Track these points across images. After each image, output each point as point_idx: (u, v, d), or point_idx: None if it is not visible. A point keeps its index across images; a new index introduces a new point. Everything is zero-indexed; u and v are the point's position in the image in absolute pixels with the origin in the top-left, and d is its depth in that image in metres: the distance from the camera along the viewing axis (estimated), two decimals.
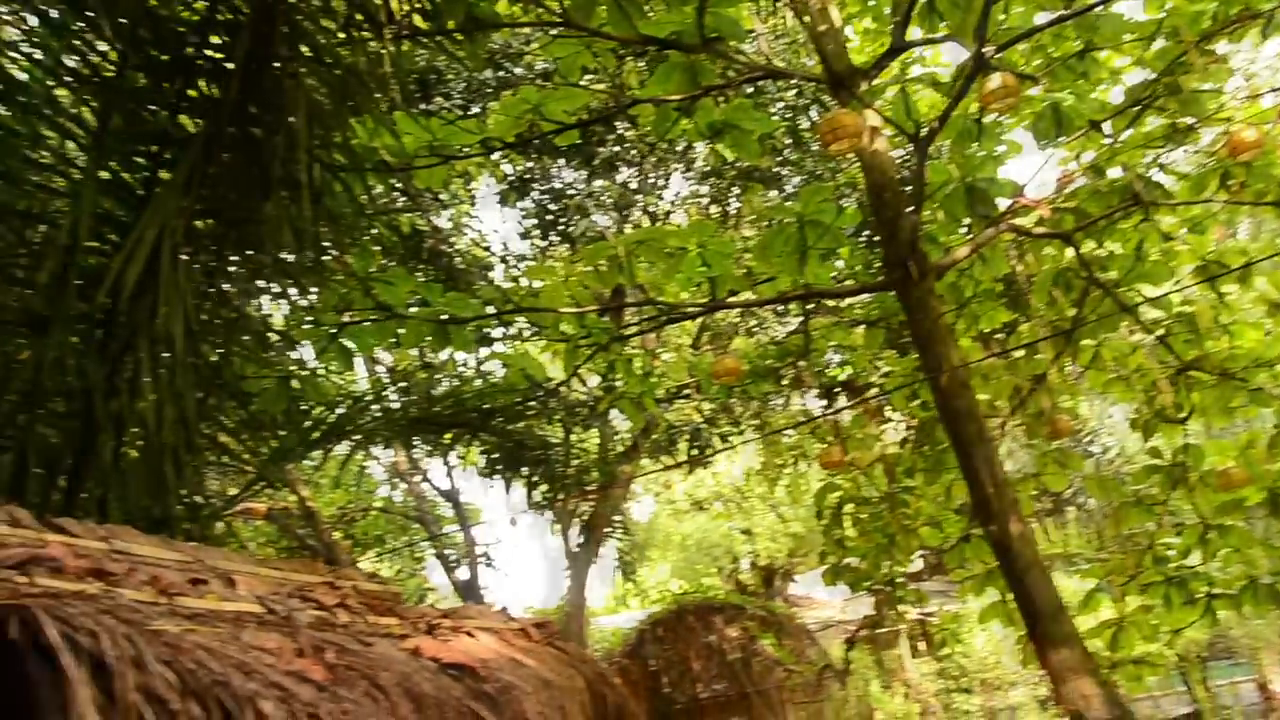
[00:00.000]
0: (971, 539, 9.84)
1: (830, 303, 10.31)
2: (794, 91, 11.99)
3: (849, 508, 10.55)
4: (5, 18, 4.92)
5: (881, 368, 10.70)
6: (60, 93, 4.97)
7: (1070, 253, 8.17)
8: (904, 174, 8.61)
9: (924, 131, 6.87)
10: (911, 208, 6.91)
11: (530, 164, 11.48)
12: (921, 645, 19.63)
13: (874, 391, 10.28)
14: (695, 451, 12.22)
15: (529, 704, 3.50)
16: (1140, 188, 7.49)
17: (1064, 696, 6.14)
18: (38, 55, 4.73)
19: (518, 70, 11.07)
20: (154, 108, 4.91)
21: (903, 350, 10.63)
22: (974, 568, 10.00)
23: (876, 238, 9.21)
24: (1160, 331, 8.55)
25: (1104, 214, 7.74)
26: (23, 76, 4.76)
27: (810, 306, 8.41)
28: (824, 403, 10.41)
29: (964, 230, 8.25)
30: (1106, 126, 7.65)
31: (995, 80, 6.05)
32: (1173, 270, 8.60)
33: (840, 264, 9.22)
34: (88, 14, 4.58)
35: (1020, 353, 9.07)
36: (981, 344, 9.34)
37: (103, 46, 4.91)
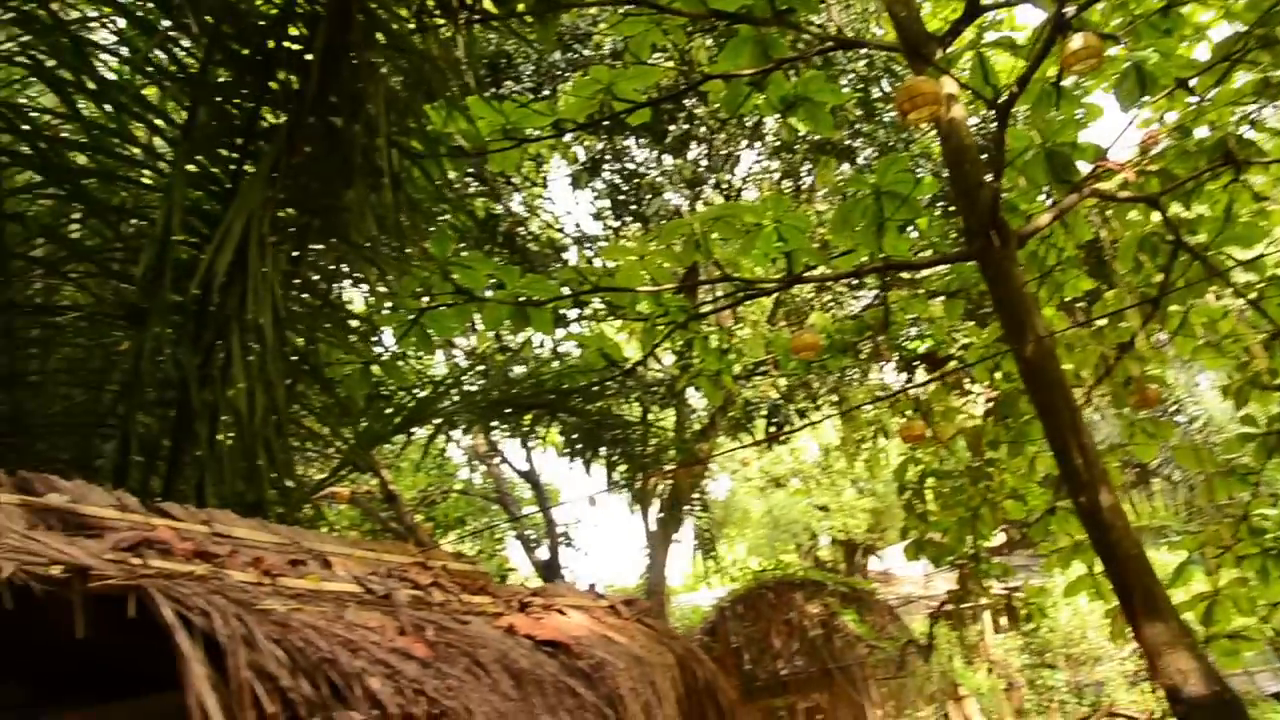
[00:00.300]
0: (1057, 511, 9.65)
1: (908, 275, 10.15)
2: (864, 62, 11.82)
3: (930, 481, 10.41)
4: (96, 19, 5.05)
5: (962, 339, 10.54)
6: (149, 90, 5.11)
7: (1156, 216, 7.93)
8: (983, 141, 8.44)
9: (1003, 96, 6.71)
10: (991, 175, 6.76)
11: (602, 144, 11.50)
12: (1005, 620, 19.35)
13: (955, 364, 10.12)
14: (773, 428, 12.19)
15: (622, 680, 3.53)
16: (1232, 145, 7.24)
17: (1160, 671, 5.98)
18: (126, 53, 4.86)
19: (587, 51, 11.08)
20: (238, 101, 5.01)
21: (983, 321, 10.45)
22: (1060, 540, 9.81)
23: (954, 207, 9.05)
24: (1253, 295, 8.27)
25: (1192, 175, 7.49)
26: (113, 76, 4.91)
27: (889, 279, 8.30)
28: (903, 376, 10.29)
29: (1045, 197, 8.07)
30: (1194, 85, 7.39)
31: (1077, 41, 5.88)
32: (1266, 231, 8.31)
33: (917, 235, 9.07)
34: (173, 11, 4.69)
35: (1106, 321, 8.85)
36: (1065, 313, 9.13)
37: (187, 43, 5.04)
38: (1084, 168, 7.38)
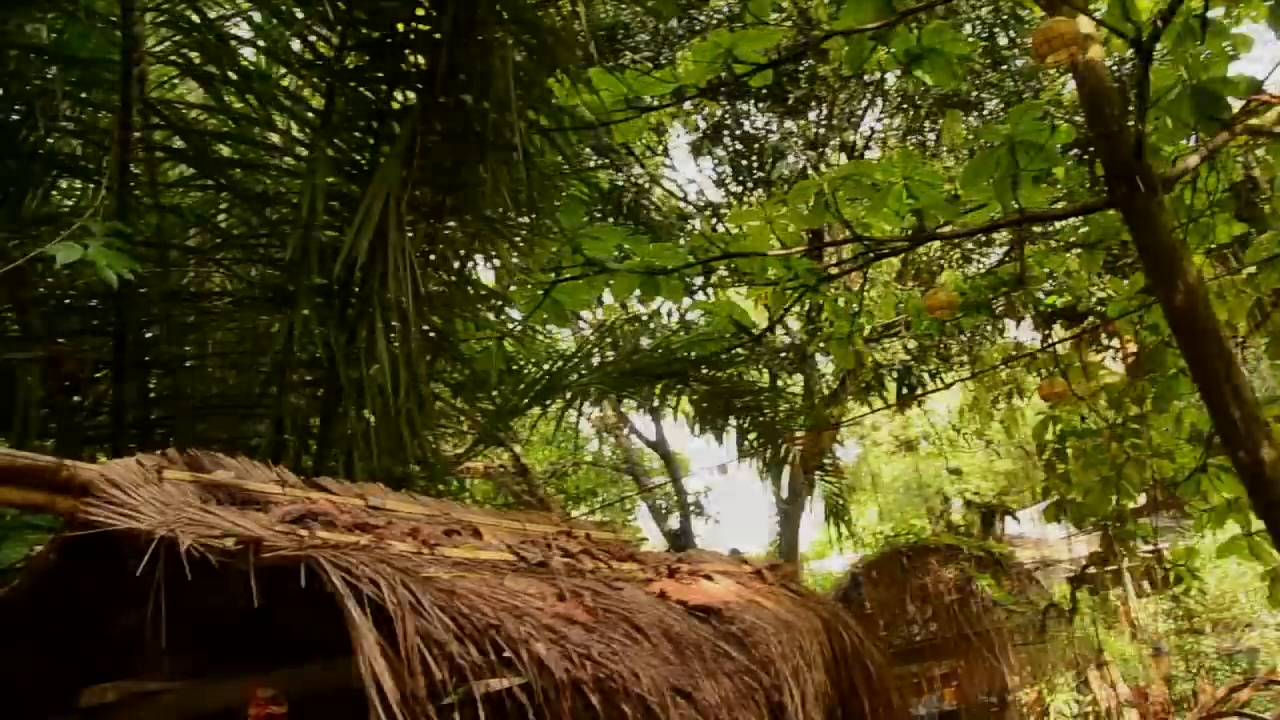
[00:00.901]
0: (1209, 468, 9.20)
1: (1042, 227, 9.79)
2: (989, 8, 11.41)
3: (1071, 441, 10.07)
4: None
5: (1101, 293, 10.13)
6: (287, 80, 5.27)
7: None
8: (1123, 82, 8.06)
9: (1145, 32, 6.38)
10: (1133, 117, 6.45)
11: (723, 110, 11.40)
12: (1151, 584, 18.66)
13: (1094, 319, 9.75)
14: (904, 391, 11.97)
15: (774, 645, 3.53)
16: None
17: None
18: (265, 45, 5.02)
19: (702, 17, 10.98)
20: (371, 84, 5.13)
21: (1123, 273, 10.03)
22: (1213, 499, 9.37)
23: (1090, 155, 8.66)
24: None
25: None
26: (253, 68, 5.07)
27: (1024, 232, 8.01)
28: (1041, 334, 9.96)
29: (1192, 138, 7.66)
30: None
31: None
32: None
33: (1053, 186, 8.72)
34: (309, 0, 4.81)
35: (1259, 266, 8.39)
36: (1215, 259, 8.69)
37: (320, 32, 5.17)
38: (1234, 104, 7.00)
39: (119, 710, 3.06)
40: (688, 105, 9.69)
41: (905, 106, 12.09)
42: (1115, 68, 7.49)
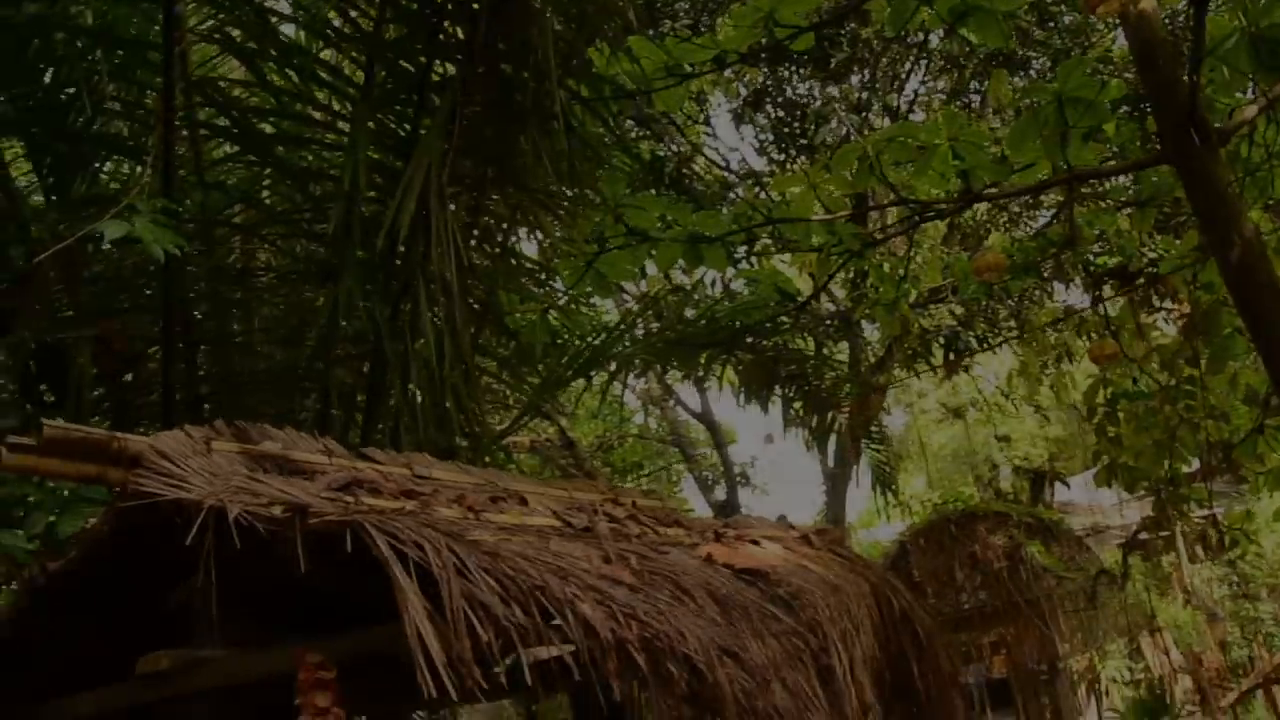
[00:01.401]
0: (1266, 430, 9.00)
1: (1093, 186, 9.59)
2: None
3: (1123, 404, 9.90)
4: None
5: (1153, 253, 9.93)
6: (326, 54, 5.28)
7: None
8: (1176, 35, 7.85)
9: None
10: (1188, 68, 6.28)
11: (764, 76, 11.30)
12: (1204, 549, 18.34)
13: (1145, 278, 9.55)
14: (952, 356, 11.82)
15: (821, 608, 3.52)
16: None
17: None
18: (305, 19, 5.03)
19: None
20: (411, 56, 5.12)
21: (1176, 233, 9.81)
22: (1270, 462, 9.17)
23: (1144, 110, 8.48)
24: None
25: None
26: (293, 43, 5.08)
27: (1074, 191, 7.82)
28: (1091, 295, 9.76)
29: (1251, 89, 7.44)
30: None
31: None
32: None
33: (1103, 144, 8.51)
34: None
35: None
36: (1274, 215, 8.46)
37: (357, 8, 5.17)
38: None
39: (173, 677, 3.11)
40: (729, 72, 9.60)
41: (950, 67, 11.89)
42: (1168, 18, 7.29)
